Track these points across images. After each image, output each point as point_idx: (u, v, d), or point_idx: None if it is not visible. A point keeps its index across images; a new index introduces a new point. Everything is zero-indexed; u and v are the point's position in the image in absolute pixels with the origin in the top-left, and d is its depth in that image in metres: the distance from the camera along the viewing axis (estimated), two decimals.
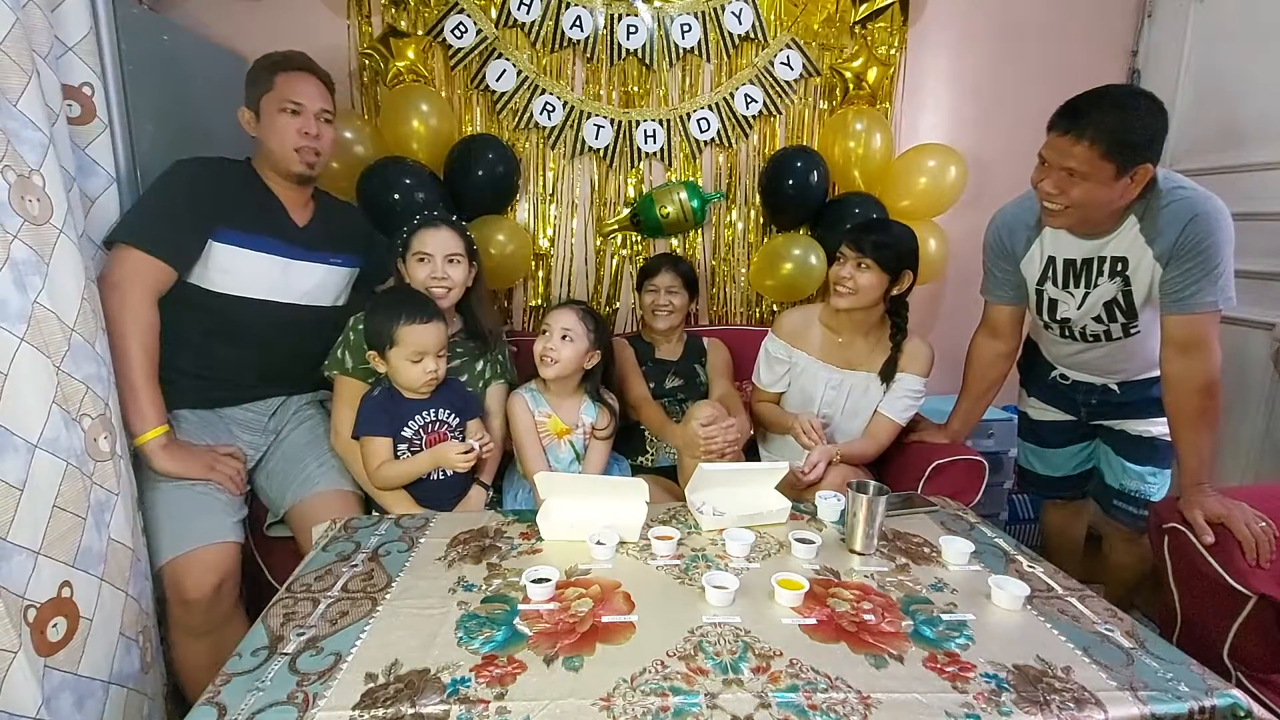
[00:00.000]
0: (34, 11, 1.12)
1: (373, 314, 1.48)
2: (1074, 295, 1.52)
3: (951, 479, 1.69)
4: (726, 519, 1.31)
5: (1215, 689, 0.88)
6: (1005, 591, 1.07)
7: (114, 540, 1.16)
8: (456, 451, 1.45)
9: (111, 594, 1.14)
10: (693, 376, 2.01)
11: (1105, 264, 1.46)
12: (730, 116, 2.33)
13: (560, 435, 1.67)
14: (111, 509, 1.16)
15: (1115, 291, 1.46)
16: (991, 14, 2.40)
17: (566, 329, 1.61)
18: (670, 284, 1.99)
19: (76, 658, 1.06)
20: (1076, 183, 1.32)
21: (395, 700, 0.83)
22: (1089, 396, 1.68)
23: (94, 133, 1.34)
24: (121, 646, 1.16)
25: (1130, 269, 1.43)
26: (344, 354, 1.54)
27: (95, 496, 1.12)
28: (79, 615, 1.07)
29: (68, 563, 1.05)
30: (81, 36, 1.28)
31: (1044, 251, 1.53)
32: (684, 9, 2.24)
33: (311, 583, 1.11)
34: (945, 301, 2.61)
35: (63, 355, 1.07)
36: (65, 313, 1.09)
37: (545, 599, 1.05)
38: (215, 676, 0.88)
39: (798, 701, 0.84)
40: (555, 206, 2.35)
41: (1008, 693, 0.87)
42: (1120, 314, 1.49)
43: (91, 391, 1.13)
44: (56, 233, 1.09)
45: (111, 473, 1.17)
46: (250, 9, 2.12)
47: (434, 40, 2.18)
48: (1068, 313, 1.55)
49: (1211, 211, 1.33)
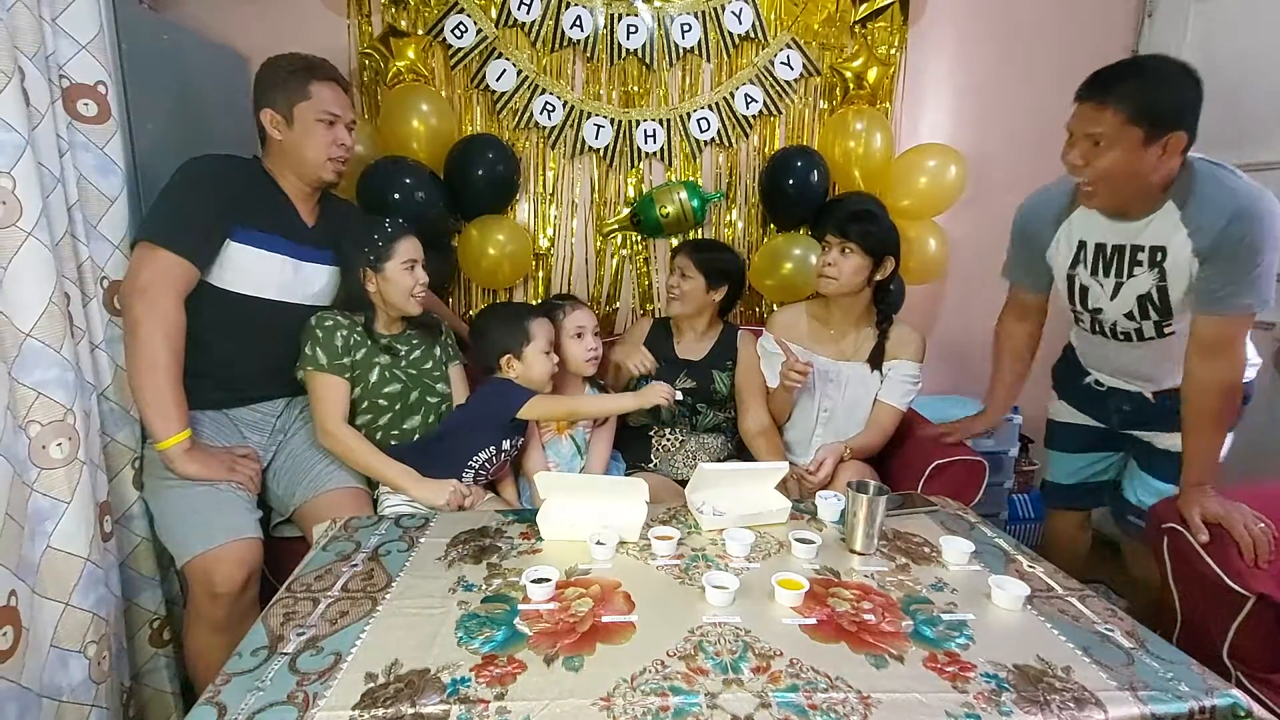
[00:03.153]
0: (21, 12, 1.12)
1: (495, 324, 1.61)
2: (1106, 285, 1.44)
3: (951, 479, 1.70)
4: (726, 519, 1.31)
5: (1215, 689, 0.88)
6: (1005, 591, 1.07)
7: (54, 549, 1.13)
8: (659, 392, 1.55)
9: (45, 606, 1.12)
10: (708, 382, 1.88)
11: (1142, 254, 1.37)
12: (730, 116, 2.33)
13: (561, 430, 1.68)
14: (57, 518, 1.13)
15: (1151, 285, 1.37)
16: (991, 14, 2.40)
17: (580, 327, 1.67)
18: (683, 265, 1.85)
19: (19, 668, 1.04)
20: (1103, 152, 1.25)
21: (395, 700, 0.83)
22: (1121, 403, 1.61)
23: (110, 132, 1.33)
24: (55, 658, 1.14)
25: (1168, 260, 1.34)
26: (315, 350, 1.50)
27: (34, 505, 1.10)
28: (21, 625, 1.05)
29: (13, 570, 1.03)
30: (93, 35, 1.28)
31: (1073, 236, 1.46)
32: (684, 9, 2.24)
33: (311, 582, 1.11)
34: (946, 301, 2.61)
35: (12, 360, 1.06)
36: (20, 317, 1.08)
37: (545, 599, 1.05)
38: (216, 676, 0.88)
39: (798, 701, 0.84)
40: (555, 206, 2.35)
41: (1008, 693, 0.87)
42: (1154, 310, 1.40)
43: (44, 397, 1.11)
44: (23, 235, 1.08)
45: (63, 480, 1.14)
46: (250, 8, 2.12)
47: (434, 40, 2.18)
48: (1100, 303, 1.47)
49: (1259, 208, 1.24)
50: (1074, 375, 1.70)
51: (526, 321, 1.58)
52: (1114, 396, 1.62)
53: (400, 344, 1.61)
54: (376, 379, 1.55)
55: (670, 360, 1.88)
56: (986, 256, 2.53)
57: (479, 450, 1.55)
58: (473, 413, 1.60)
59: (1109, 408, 1.64)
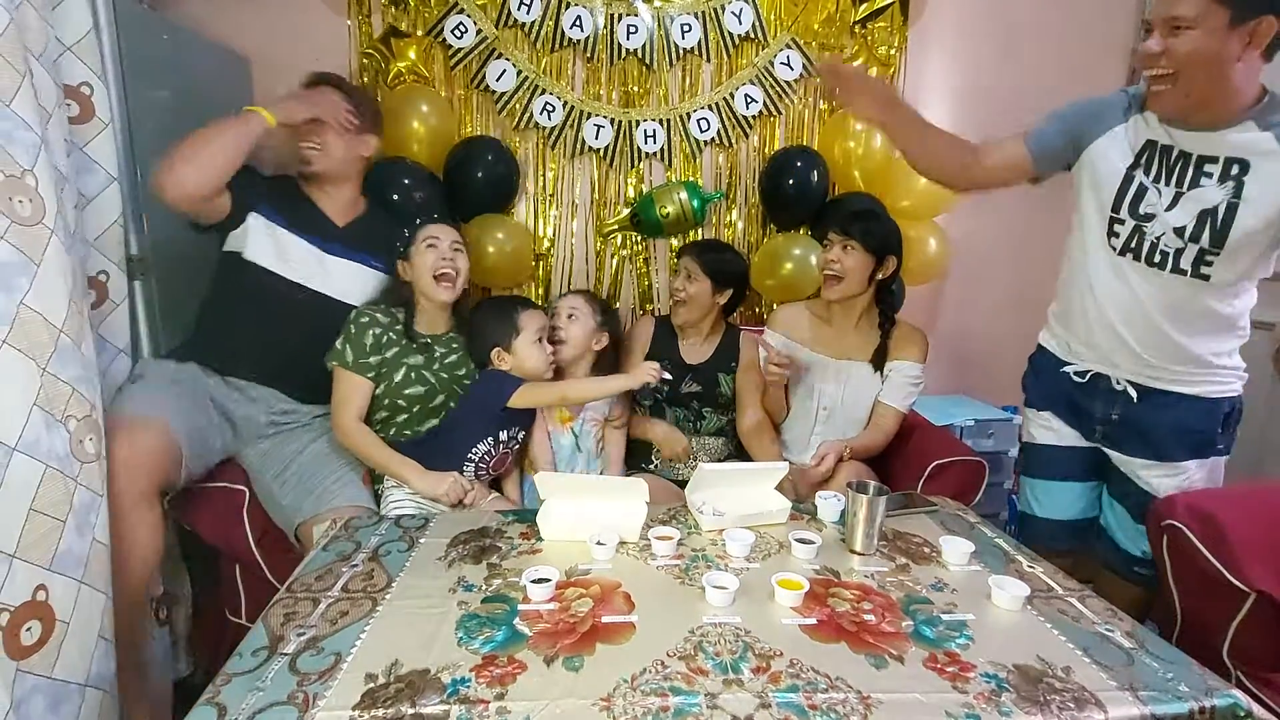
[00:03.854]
0: (28, 11, 1.12)
1: (488, 317, 1.63)
2: (1165, 193, 1.30)
3: (951, 479, 1.70)
4: (726, 519, 1.31)
5: (1215, 689, 0.88)
6: (1005, 591, 1.07)
7: (97, 541, 1.15)
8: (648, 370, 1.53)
9: (91, 596, 1.13)
10: (714, 386, 1.87)
11: (1213, 164, 1.24)
12: (730, 116, 2.33)
13: (563, 422, 1.69)
14: (97, 510, 1.15)
15: (1221, 200, 1.23)
16: (991, 14, 2.40)
17: (573, 308, 1.69)
18: (688, 268, 1.83)
19: (51, 661, 1.05)
20: (1183, 35, 1.15)
21: (395, 700, 0.83)
22: (1107, 408, 1.45)
23: (92, 132, 1.34)
24: (101, 649, 1.15)
25: (1249, 174, 1.21)
26: (344, 346, 1.55)
27: (79, 498, 1.10)
28: (55, 618, 1.06)
29: (44, 566, 1.04)
30: (81, 36, 1.28)
31: (1141, 133, 1.33)
32: (684, 9, 2.24)
33: (311, 582, 1.11)
34: (946, 301, 2.60)
35: (49, 357, 1.07)
36: (53, 314, 1.08)
37: (545, 599, 1.05)
38: (216, 677, 0.88)
39: (798, 702, 0.84)
40: (555, 207, 2.35)
41: (1008, 693, 0.87)
42: (1209, 234, 1.25)
43: (78, 393, 1.12)
44: (49, 233, 1.08)
45: (98, 474, 1.16)
46: (250, 8, 2.12)
47: (434, 40, 2.18)
48: (1153, 208, 1.31)
49: None
50: (1049, 368, 1.55)
51: (515, 314, 1.60)
52: (1097, 396, 1.46)
53: (440, 345, 1.64)
54: (401, 379, 1.57)
55: (677, 365, 1.87)
56: (986, 257, 2.55)
57: (477, 442, 1.56)
58: (467, 406, 1.61)
59: (1093, 413, 1.48)
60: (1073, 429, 1.53)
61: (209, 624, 1.65)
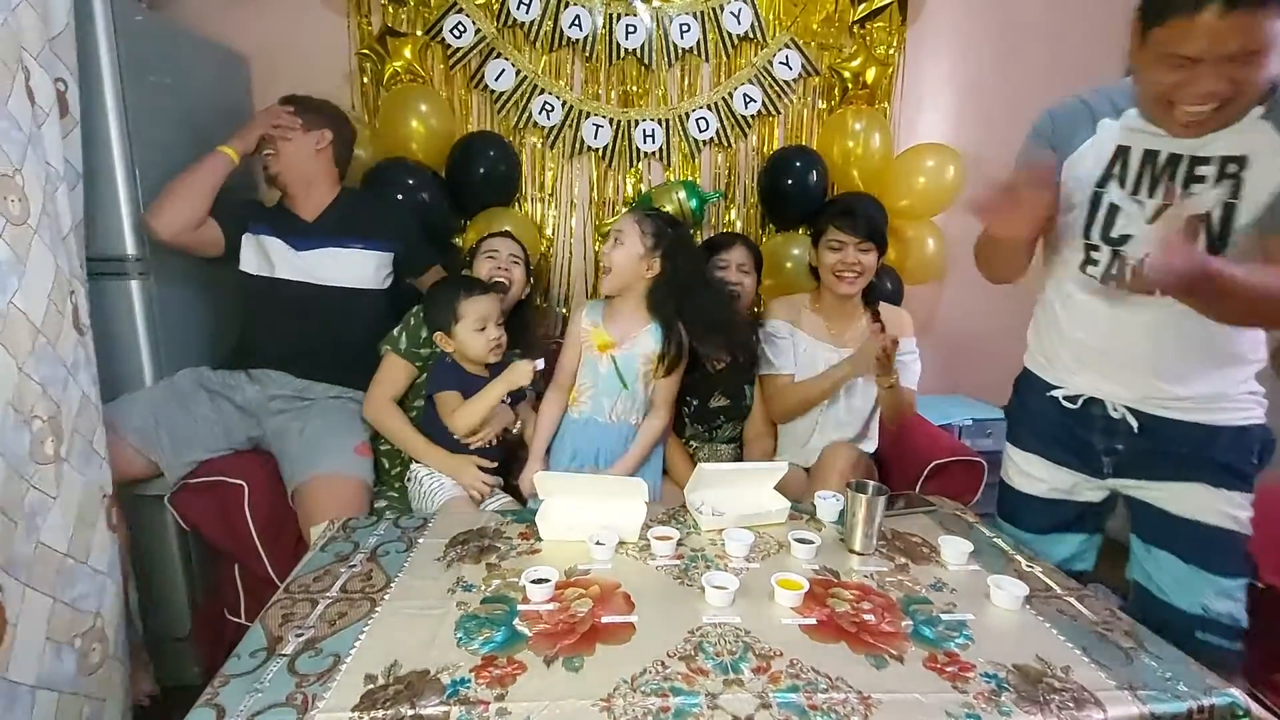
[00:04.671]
0: (26, 12, 1.11)
1: (432, 300, 1.63)
2: (1147, 205, 1.13)
3: (951, 479, 1.70)
4: (726, 519, 1.31)
5: (1214, 688, 0.89)
6: (1004, 591, 1.07)
7: (43, 545, 1.14)
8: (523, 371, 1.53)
9: (37, 599, 1.12)
10: (741, 399, 1.81)
11: (1206, 166, 1.08)
12: (729, 116, 2.33)
13: (603, 349, 1.59)
14: (45, 513, 1.14)
15: (1217, 202, 1.08)
16: (991, 14, 2.40)
17: (619, 230, 1.57)
18: (742, 260, 1.77)
19: (4, 662, 1.04)
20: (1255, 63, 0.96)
21: (395, 701, 0.83)
22: (1110, 438, 1.25)
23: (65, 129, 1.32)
24: (50, 651, 1.14)
25: (1248, 170, 1.06)
26: (400, 334, 1.67)
27: (30, 500, 1.10)
28: (5, 620, 1.05)
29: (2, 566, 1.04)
30: (57, 32, 1.26)
31: (1113, 139, 1.16)
32: (683, 9, 2.24)
33: (310, 583, 1.10)
34: (944, 301, 2.61)
35: (27, 355, 1.06)
36: (35, 313, 1.08)
37: (545, 599, 1.05)
38: (214, 678, 0.88)
39: (798, 702, 0.84)
40: (554, 206, 2.35)
41: (1008, 693, 0.87)
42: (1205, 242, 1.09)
43: (47, 394, 1.12)
44: (33, 233, 1.08)
45: (52, 477, 1.15)
46: (249, 8, 2.11)
47: (433, 40, 2.18)
48: (1131, 229, 1.14)
49: None
50: (1034, 394, 1.34)
51: (457, 300, 1.57)
52: (1095, 424, 1.26)
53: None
54: None
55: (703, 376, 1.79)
56: None
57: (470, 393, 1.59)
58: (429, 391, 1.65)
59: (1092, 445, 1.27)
60: (1071, 472, 1.32)
61: (209, 624, 1.64)
